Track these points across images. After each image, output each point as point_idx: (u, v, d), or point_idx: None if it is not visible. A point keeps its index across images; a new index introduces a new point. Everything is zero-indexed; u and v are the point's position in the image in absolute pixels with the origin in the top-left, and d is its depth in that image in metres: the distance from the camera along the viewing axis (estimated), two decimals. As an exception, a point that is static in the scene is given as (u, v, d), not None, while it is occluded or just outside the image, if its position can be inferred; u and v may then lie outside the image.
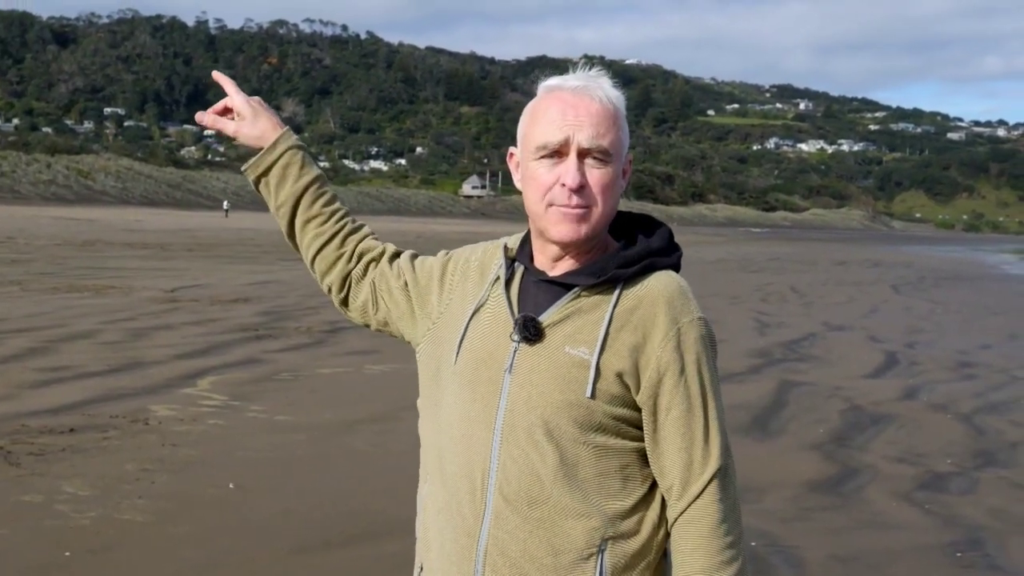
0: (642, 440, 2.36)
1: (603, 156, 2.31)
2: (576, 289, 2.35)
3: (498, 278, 2.43)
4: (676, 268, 2.44)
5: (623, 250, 2.38)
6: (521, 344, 2.33)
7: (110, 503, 6.91)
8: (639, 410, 2.35)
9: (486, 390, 2.35)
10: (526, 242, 2.46)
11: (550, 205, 2.32)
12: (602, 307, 2.34)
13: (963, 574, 6.51)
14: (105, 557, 5.98)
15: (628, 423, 2.34)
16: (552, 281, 2.38)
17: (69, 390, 10.35)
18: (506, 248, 2.48)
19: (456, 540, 2.37)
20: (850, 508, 7.77)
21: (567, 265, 2.38)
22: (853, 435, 10.16)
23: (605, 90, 2.35)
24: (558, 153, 2.31)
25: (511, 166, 2.50)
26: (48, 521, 6.52)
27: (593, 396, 2.29)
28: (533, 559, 2.30)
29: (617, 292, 2.34)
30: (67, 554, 5.98)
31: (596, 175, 2.31)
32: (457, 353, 2.40)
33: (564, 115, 2.31)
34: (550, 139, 2.31)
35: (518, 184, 2.44)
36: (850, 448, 9.61)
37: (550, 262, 2.39)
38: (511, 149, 2.49)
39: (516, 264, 2.45)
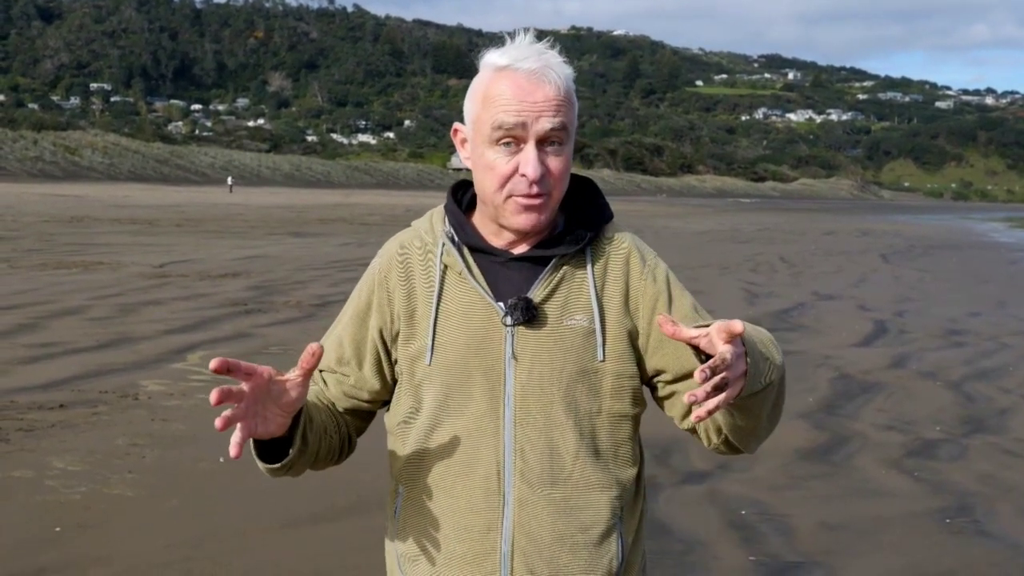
0: (645, 404, 2.40)
1: (562, 139, 2.27)
2: (554, 261, 2.33)
3: (446, 267, 2.35)
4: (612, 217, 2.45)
5: (588, 212, 2.40)
6: (517, 328, 2.29)
7: (100, 478, 6.90)
8: (640, 366, 2.37)
9: (484, 381, 2.30)
10: (463, 225, 2.38)
11: (510, 196, 2.27)
12: (579, 272, 2.34)
13: (952, 540, 6.53)
14: (95, 532, 5.98)
15: (633, 378, 2.35)
16: (520, 258, 2.34)
17: (58, 366, 10.33)
18: (452, 238, 2.38)
19: (469, 541, 2.30)
20: (840, 476, 7.79)
21: (529, 241, 2.35)
22: (843, 403, 10.18)
23: (557, 70, 2.28)
24: (515, 140, 2.25)
25: (456, 142, 2.44)
26: (38, 496, 6.51)
27: (604, 359, 2.31)
28: (563, 539, 2.29)
29: (588, 254, 2.36)
30: (57, 529, 5.98)
31: (554, 161, 2.27)
32: (431, 354, 2.32)
33: (521, 101, 2.24)
34: (507, 124, 2.24)
35: (466, 163, 2.39)
36: (840, 416, 9.63)
37: (508, 243, 2.35)
38: (456, 125, 2.42)
39: (462, 248, 2.37)
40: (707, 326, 2.07)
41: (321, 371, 2.46)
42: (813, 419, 9.44)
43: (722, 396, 2.02)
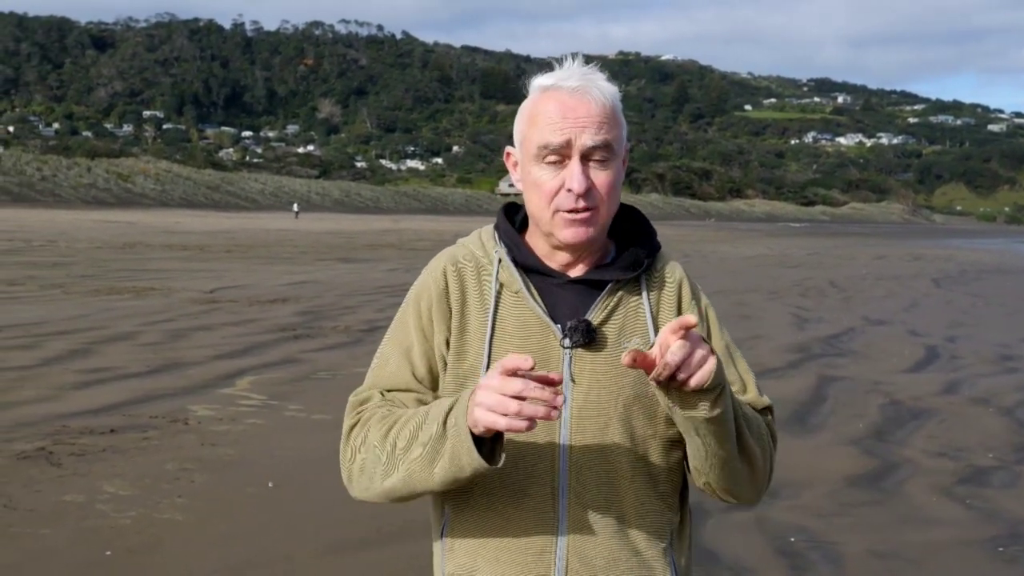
0: None
1: (607, 155, 2.28)
2: (610, 285, 2.34)
3: (502, 286, 2.35)
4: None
5: (639, 239, 2.42)
6: (575, 350, 2.30)
7: (150, 503, 6.96)
8: None
9: None
10: (519, 245, 2.38)
11: (557, 211, 2.28)
12: (635, 297, 2.36)
13: (1005, 569, 6.44)
14: (145, 556, 6.03)
15: None
16: (577, 281, 2.36)
17: (109, 391, 10.44)
18: (512, 256, 2.37)
19: (522, 563, 2.28)
20: (890, 503, 7.71)
21: (585, 264, 2.37)
22: (893, 430, 10.09)
23: (601, 87, 2.30)
24: (560, 156, 2.27)
25: (508, 165, 2.46)
26: (89, 521, 6.57)
27: None
28: (617, 562, 2.28)
29: (643, 281, 2.38)
30: (108, 553, 6.03)
31: (601, 176, 2.28)
32: (486, 372, 2.28)
33: (564, 117, 2.26)
34: (551, 141, 2.26)
35: (517, 184, 2.40)
36: (890, 443, 9.54)
37: (563, 264, 2.37)
38: (508, 148, 2.44)
39: (517, 268, 2.37)
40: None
41: (397, 390, 2.38)
42: (862, 445, 9.36)
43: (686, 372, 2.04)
